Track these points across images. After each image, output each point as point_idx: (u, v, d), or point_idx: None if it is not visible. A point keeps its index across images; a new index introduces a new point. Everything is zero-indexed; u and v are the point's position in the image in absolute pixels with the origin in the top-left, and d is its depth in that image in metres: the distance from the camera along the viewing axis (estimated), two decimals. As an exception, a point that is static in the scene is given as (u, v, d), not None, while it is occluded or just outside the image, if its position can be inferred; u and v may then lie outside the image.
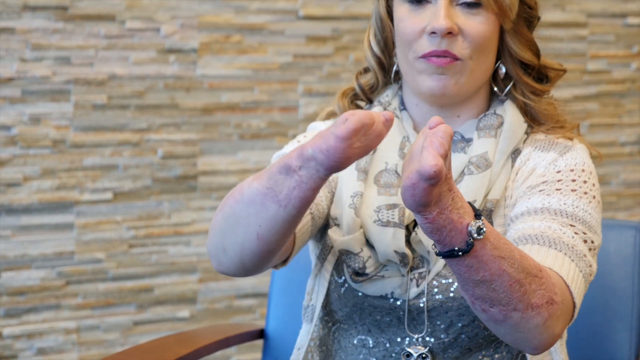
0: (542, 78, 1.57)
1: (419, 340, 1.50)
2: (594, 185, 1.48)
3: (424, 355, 1.49)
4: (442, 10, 1.46)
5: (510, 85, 1.55)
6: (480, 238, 1.21)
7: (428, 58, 1.48)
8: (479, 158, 1.50)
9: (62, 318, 2.63)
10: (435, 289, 1.48)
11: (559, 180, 1.47)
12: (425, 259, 1.49)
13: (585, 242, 1.42)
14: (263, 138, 2.78)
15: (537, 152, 1.52)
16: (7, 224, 2.55)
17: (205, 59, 2.70)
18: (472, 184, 1.48)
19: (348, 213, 1.50)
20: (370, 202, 1.50)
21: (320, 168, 1.24)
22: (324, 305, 1.58)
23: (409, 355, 1.50)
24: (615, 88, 3.16)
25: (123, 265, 2.67)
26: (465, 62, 1.48)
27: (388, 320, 1.51)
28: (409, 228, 1.49)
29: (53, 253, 2.60)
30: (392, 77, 1.59)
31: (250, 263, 1.37)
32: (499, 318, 1.27)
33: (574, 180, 1.47)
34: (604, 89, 3.15)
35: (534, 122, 1.56)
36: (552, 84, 1.57)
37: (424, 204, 1.16)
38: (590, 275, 1.41)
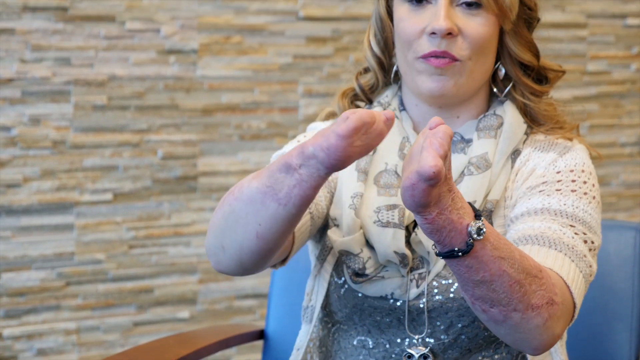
0: (541, 79, 1.57)
1: (419, 341, 1.50)
2: (594, 186, 1.48)
3: (426, 356, 1.49)
4: (442, 11, 1.46)
5: (510, 86, 1.55)
6: (480, 238, 1.21)
7: (427, 59, 1.48)
8: (479, 159, 1.50)
9: (62, 319, 2.63)
10: (435, 290, 1.48)
11: (559, 181, 1.47)
12: (425, 260, 1.49)
13: (585, 242, 1.42)
14: (263, 139, 2.78)
15: (536, 152, 1.52)
16: (7, 225, 2.55)
17: (205, 60, 2.70)
18: (472, 185, 1.48)
19: (348, 214, 1.50)
20: (370, 202, 1.50)
21: (321, 166, 1.24)
22: (324, 306, 1.58)
23: (411, 357, 1.50)
24: (615, 89, 3.15)
25: (123, 266, 2.67)
26: (465, 62, 1.48)
27: (388, 321, 1.51)
28: (409, 229, 1.49)
29: (53, 254, 2.60)
30: (392, 77, 1.59)
31: (249, 262, 1.36)
32: (499, 318, 1.27)
33: (574, 181, 1.47)
34: (604, 90, 3.14)
35: (534, 122, 1.56)
36: (551, 85, 1.57)
37: (424, 205, 1.16)
38: (591, 276, 1.41)
